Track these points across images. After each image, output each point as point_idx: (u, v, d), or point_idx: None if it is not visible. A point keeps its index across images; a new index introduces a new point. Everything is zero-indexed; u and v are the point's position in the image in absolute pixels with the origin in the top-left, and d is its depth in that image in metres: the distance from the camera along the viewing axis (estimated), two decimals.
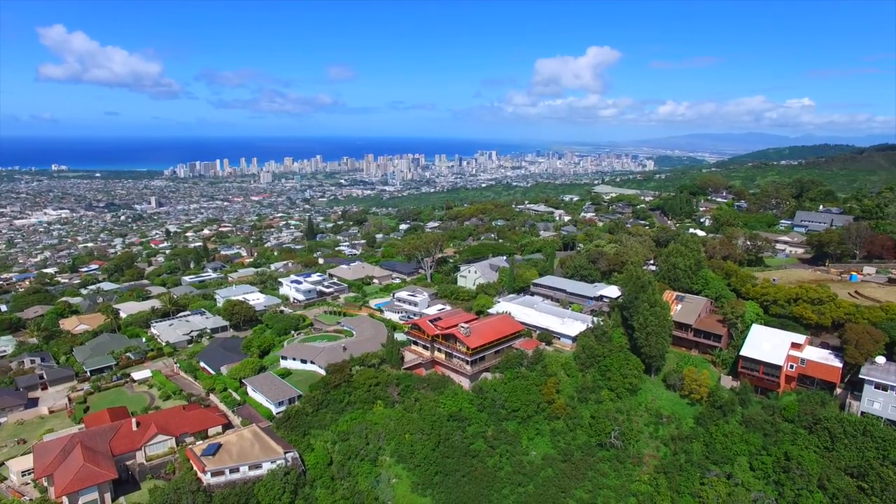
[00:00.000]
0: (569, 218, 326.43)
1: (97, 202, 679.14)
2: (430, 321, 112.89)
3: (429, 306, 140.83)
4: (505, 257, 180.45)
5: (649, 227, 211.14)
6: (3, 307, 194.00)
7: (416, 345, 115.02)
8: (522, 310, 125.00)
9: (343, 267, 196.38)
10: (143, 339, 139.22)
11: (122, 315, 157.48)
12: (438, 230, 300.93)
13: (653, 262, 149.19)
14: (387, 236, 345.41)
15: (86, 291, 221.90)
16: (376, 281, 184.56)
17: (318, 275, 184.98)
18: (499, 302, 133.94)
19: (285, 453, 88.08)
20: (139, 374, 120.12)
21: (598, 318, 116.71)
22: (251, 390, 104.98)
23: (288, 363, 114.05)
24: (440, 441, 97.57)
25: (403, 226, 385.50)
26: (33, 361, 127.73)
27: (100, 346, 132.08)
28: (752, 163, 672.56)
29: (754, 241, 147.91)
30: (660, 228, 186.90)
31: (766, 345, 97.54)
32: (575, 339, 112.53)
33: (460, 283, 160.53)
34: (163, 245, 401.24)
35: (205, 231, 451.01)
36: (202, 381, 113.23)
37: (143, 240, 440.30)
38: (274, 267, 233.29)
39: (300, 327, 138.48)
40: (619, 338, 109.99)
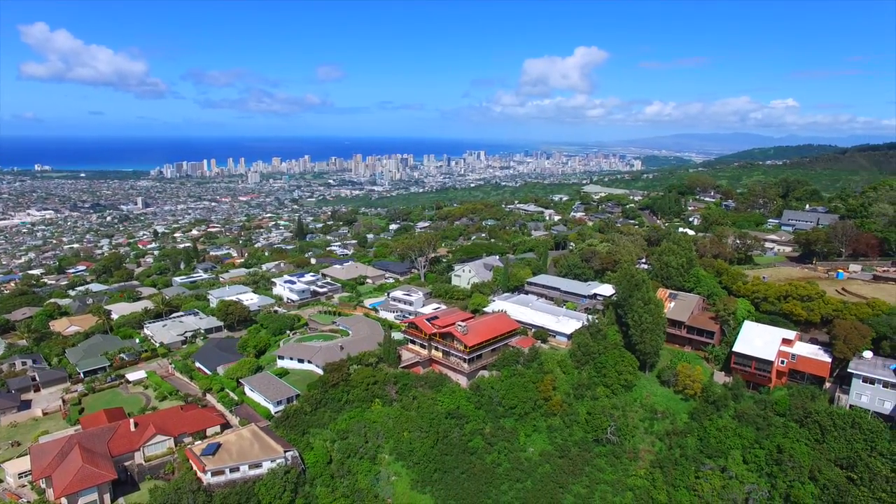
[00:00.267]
0: (559, 217, 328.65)
1: (82, 203, 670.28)
2: (428, 320, 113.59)
3: (424, 305, 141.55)
4: (498, 256, 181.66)
5: (639, 227, 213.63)
6: None
7: (414, 343, 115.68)
8: (518, 308, 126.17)
9: (336, 267, 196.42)
10: (137, 340, 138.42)
11: (114, 316, 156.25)
12: (429, 230, 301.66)
13: (644, 260, 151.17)
14: (377, 236, 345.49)
15: (74, 293, 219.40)
16: (370, 281, 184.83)
17: (312, 275, 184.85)
18: (494, 301, 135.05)
19: (285, 452, 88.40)
20: (134, 375, 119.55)
21: (592, 316, 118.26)
22: (249, 390, 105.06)
23: (285, 363, 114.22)
24: (439, 438, 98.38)
25: (393, 226, 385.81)
26: (24, 363, 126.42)
27: (93, 348, 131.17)
28: (738, 163, 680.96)
29: (744, 239, 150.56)
30: (651, 228, 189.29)
31: (758, 341, 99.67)
32: (570, 336, 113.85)
33: (455, 282, 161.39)
34: (151, 246, 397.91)
35: (193, 232, 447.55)
36: (198, 382, 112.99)
37: (131, 240, 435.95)
38: (265, 267, 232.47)
39: (295, 327, 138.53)
40: (613, 335, 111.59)
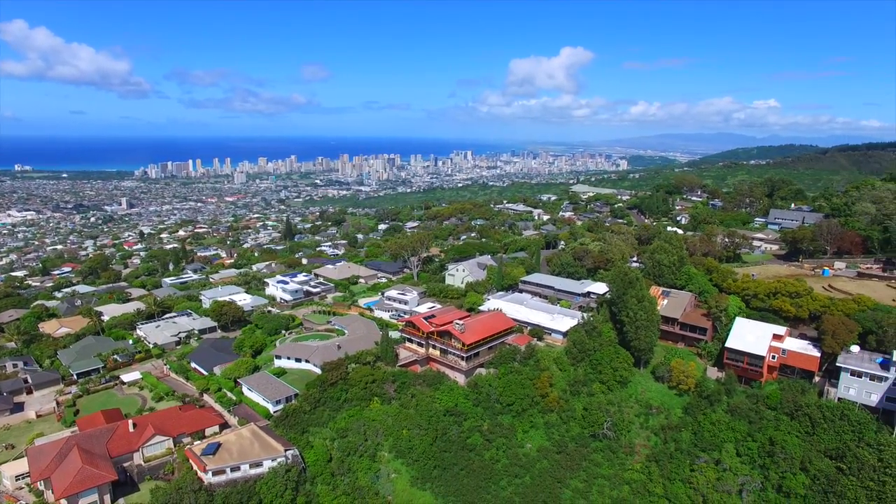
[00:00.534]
0: (548, 217, 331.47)
1: (65, 203, 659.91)
2: (425, 318, 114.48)
3: (418, 304, 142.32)
4: (490, 256, 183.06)
5: (628, 226, 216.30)
6: None
7: (411, 342, 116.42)
8: (513, 307, 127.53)
9: (329, 267, 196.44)
10: (130, 342, 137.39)
11: (105, 318, 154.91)
12: (418, 230, 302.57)
13: (636, 259, 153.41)
14: (366, 236, 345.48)
15: (60, 294, 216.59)
16: (362, 280, 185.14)
17: (304, 275, 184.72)
18: (489, 299, 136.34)
19: (286, 451, 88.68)
20: (128, 376, 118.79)
21: (587, 314, 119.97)
22: (247, 390, 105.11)
23: (282, 362, 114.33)
24: (437, 436, 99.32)
25: (382, 226, 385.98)
26: (15, 366, 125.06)
27: (85, 349, 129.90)
28: (722, 162, 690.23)
29: (732, 238, 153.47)
30: (641, 227, 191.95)
31: (750, 336, 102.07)
32: (565, 334, 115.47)
33: (448, 281, 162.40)
34: (137, 247, 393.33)
35: (180, 232, 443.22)
36: (195, 382, 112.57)
37: (116, 241, 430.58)
38: (256, 268, 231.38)
39: (290, 327, 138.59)
40: (608, 332, 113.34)
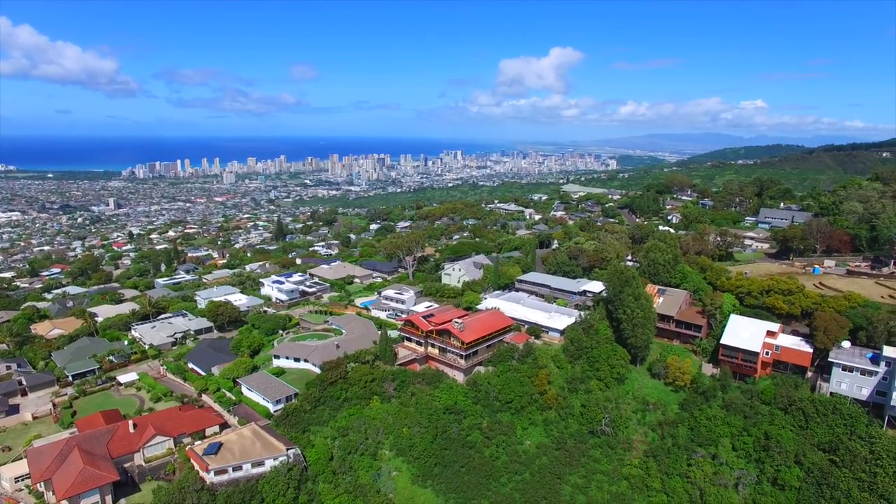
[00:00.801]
0: (539, 217, 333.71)
1: (51, 204, 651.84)
2: (424, 317, 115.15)
3: (415, 304, 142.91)
4: (485, 255, 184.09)
5: (619, 225, 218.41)
6: None
7: (410, 341, 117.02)
8: (510, 305, 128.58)
9: (324, 267, 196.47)
10: (126, 343, 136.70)
11: (99, 319, 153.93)
12: (410, 230, 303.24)
13: (630, 258, 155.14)
14: (358, 236, 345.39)
15: (51, 296, 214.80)
16: (357, 280, 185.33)
17: (300, 275, 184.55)
18: (486, 298, 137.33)
19: (287, 450, 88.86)
20: (125, 377, 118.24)
21: (583, 312, 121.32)
22: (246, 389, 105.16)
23: (281, 362, 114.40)
24: (437, 434, 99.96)
25: (374, 226, 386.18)
26: (9, 367, 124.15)
27: (80, 350, 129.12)
28: (710, 162, 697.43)
29: (724, 237, 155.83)
30: (635, 226, 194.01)
31: (744, 333, 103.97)
32: (562, 332, 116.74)
33: (445, 280, 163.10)
34: (126, 247, 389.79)
35: (170, 233, 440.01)
36: (193, 383, 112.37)
37: (105, 242, 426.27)
38: (249, 268, 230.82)
39: (287, 327, 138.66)
40: (605, 330, 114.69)
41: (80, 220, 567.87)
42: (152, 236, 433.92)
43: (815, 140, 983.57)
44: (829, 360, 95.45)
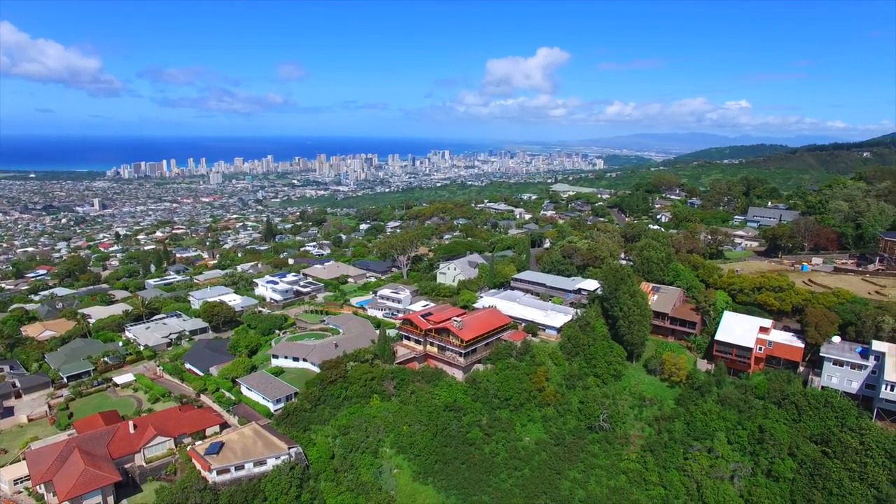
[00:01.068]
0: (529, 216, 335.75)
1: (33, 204, 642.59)
2: (422, 316, 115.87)
3: (411, 303, 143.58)
4: (479, 254, 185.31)
5: (612, 224, 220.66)
6: None
7: (409, 340, 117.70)
8: (506, 304, 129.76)
9: (317, 267, 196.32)
10: (120, 344, 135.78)
11: (91, 320, 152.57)
12: (400, 230, 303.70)
13: (623, 256, 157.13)
14: (348, 237, 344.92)
15: (38, 297, 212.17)
16: (351, 280, 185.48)
17: (294, 275, 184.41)
18: (482, 297, 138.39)
19: (289, 449, 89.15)
20: (122, 378, 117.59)
21: (579, 310, 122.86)
22: (246, 389, 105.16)
23: (279, 361, 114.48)
24: (438, 431, 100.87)
25: (364, 226, 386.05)
26: (1, 370, 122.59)
27: (74, 352, 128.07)
28: (696, 162, 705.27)
29: (715, 235, 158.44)
30: (627, 225, 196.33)
31: (738, 329, 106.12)
32: (559, 329, 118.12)
33: (440, 279, 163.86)
34: (113, 248, 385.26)
35: (157, 233, 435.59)
36: (192, 383, 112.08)
37: (91, 243, 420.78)
38: (241, 268, 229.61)
39: (284, 327, 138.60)
40: (601, 328, 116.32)
41: (63, 220, 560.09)
42: (139, 237, 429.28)
43: (798, 140, 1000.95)
44: (821, 354, 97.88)
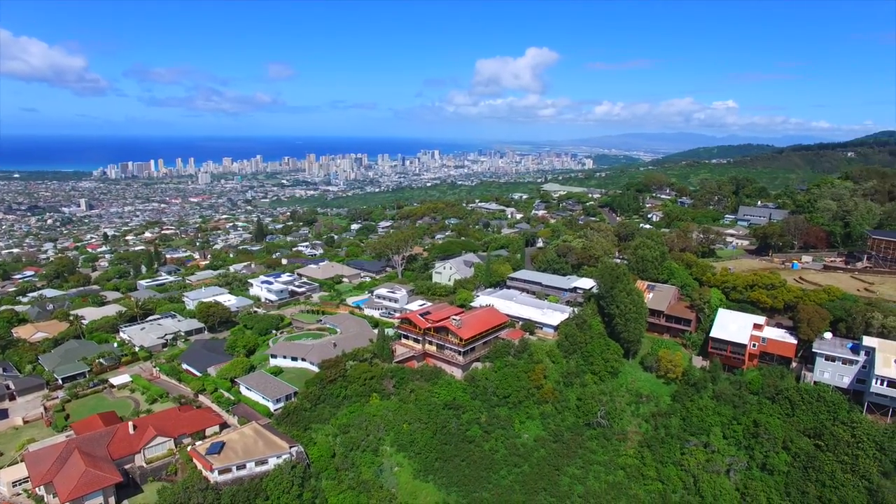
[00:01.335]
0: (521, 216, 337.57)
1: (17, 205, 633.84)
2: (421, 315, 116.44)
3: (408, 302, 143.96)
4: (474, 254, 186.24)
5: (605, 224, 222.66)
6: None
7: (407, 338, 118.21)
8: (503, 303, 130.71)
9: (312, 266, 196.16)
10: (115, 345, 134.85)
11: (85, 321, 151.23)
12: (392, 230, 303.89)
13: (617, 255, 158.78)
14: (340, 236, 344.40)
15: (27, 299, 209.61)
16: (346, 280, 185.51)
17: (288, 275, 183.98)
18: (478, 296, 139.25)
19: (290, 448, 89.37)
20: (118, 379, 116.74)
21: (576, 308, 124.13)
22: (245, 389, 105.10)
23: (278, 361, 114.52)
24: (437, 429, 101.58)
25: (355, 226, 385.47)
26: None
27: (69, 353, 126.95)
28: (685, 161, 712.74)
29: (707, 234, 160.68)
30: (620, 224, 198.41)
31: (732, 326, 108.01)
32: (556, 328, 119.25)
33: (435, 279, 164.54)
34: (101, 249, 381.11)
35: (146, 234, 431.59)
36: (190, 383, 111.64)
37: (79, 244, 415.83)
38: (234, 269, 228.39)
39: (280, 327, 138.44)
40: (597, 325, 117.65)
41: (49, 221, 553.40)
42: (128, 237, 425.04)
43: (784, 140, 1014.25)
44: (813, 350, 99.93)
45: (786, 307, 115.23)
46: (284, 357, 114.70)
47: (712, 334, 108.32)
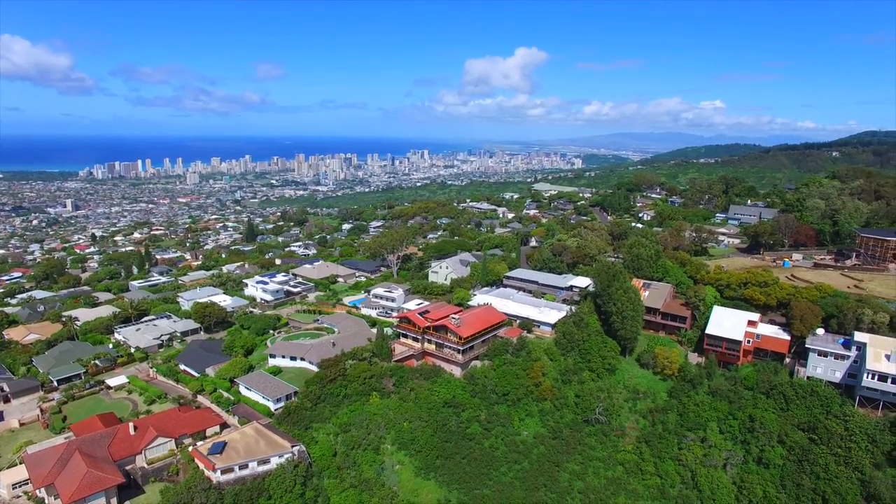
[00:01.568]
0: (512, 215, 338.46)
1: (1, 205, 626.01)
2: (420, 314, 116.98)
3: (405, 301, 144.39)
4: (468, 253, 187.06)
5: (598, 223, 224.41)
6: None
7: (406, 337, 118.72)
8: (501, 301, 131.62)
9: (307, 266, 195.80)
10: (110, 346, 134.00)
11: (78, 323, 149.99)
12: (383, 230, 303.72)
13: (611, 253, 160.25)
14: (331, 236, 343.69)
15: (16, 301, 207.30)
16: (341, 280, 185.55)
17: (283, 275, 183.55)
18: (476, 295, 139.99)
19: (292, 447, 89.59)
20: (115, 380, 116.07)
21: (573, 307, 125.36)
22: (245, 389, 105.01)
23: (277, 361, 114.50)
24: (438, 427, 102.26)
25: (346, 225, 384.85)
26: None
27: (63, 355, 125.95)
28: (673, 161, 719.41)
29: (699, 232, 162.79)
30: (613, 223, 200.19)
31: (727, 323, 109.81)
32: (554, 326, 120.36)
33: (432, 278, 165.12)
34: (90, 250, 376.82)
35: (135, 235, 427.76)
36: (188, 384, 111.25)
37: (66, 245, 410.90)
38: (227, 269, 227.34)
39: (277, 326, 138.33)
40: (594, 323, 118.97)
41: (35, 222, 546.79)
42: (116, 238, 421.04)
43: (771, 139, 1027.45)
44: (806, 346, 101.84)
45: (779, 304, 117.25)
46: (283, 357, 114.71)
47: (708, 331, 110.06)
